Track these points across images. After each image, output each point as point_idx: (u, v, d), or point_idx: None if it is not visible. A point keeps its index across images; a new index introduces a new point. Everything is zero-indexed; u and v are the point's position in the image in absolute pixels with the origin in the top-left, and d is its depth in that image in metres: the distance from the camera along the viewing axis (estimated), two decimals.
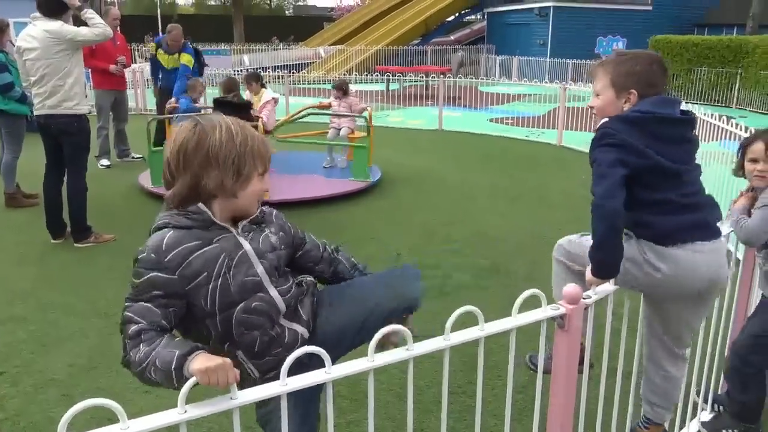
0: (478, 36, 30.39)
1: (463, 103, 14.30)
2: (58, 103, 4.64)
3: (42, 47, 4.57)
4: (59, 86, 4.63)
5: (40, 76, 4.63)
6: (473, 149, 9.58)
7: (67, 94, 4.64)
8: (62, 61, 4.61)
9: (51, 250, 4.94)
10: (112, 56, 7.61)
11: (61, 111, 4.66)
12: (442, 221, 5.77)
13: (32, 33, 4.60)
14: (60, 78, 4.62)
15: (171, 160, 1.51)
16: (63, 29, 4.58)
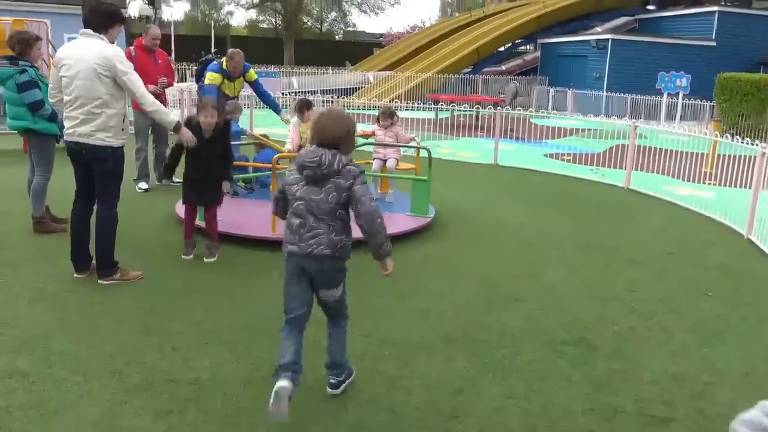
0: (530, 67, 29.77)
1: (516, 136, 13.64)
2: (90, 133, 4.21)
3: (84, 68, 4.12)
4: (95, 114, 4.18)
5: (75, 97, 4.20)
6: (532, 187, 8.91)
7: (103, 125, 4.21)
8: (103, 89, 4.16)
9: (72, 286, 4.47)
10: (153, 76, 7.27)
11: (92, 141, 4.22)
12: (504, 273, 5.12)
13: (76, 48, 4.20)
14: (97, 106, 4.18)
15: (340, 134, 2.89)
16: (115, 61, 4.13)
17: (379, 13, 38.45)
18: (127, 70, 4.20)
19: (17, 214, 5.96)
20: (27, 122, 5.42)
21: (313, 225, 2.86)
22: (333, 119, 2.93)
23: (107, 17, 4.22)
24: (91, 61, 4.11)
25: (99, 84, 4.14)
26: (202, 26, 54.76)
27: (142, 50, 7.38)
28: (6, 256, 5.00)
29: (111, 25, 4.26)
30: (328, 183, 2.85)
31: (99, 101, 4.17)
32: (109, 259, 4.51)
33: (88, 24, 4.19)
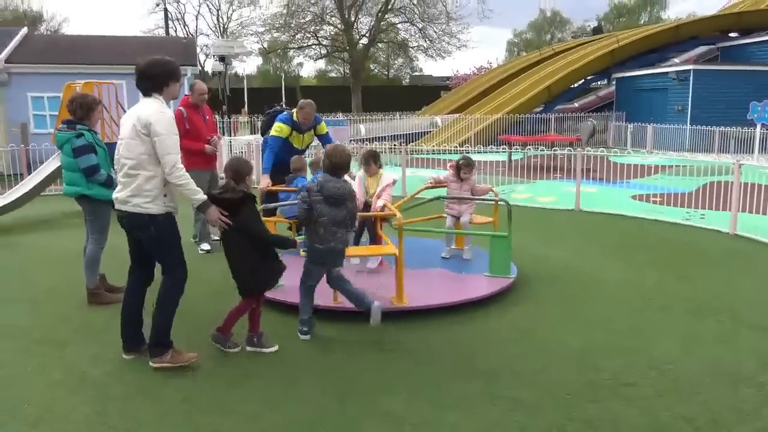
0: (605, 103, 28.65)
1: (596, 176, 12.76)
2: (126, 198, 3.87)
3: (127, 129, 3.86)
4: (131, 177, 3.85)
5: (117, 159, 3.95)
6: (623, 235, 8.05)
7: (139, 189, 3.83)
8: (141, 149, 3.82)
9: (118, 369, 4.04)
10: (203, 134, 6.97)
11: (129, 208, 3.87)
12: (603, 347, 4.34)
13: (132, 109, 3.97)
14: (133, 167, 3.83)
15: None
16: (152, 119, 3.75)
17: (445, 57, 38.35)
18: (161, 132, 3.78)
19: (74, 283, 5.69)
20: (81, 188, 5.17)
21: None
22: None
23: (157, 78, 3.89)
24: (131, 121, 3.84)
25: (138, 144, 3.81)
26: (274, 78, 56.54)
27: (191, 109, 6.97)
28: (54, 334, 4.67)
29: (164, 84, 3.93)
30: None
31: (134, 162, 3.83)
32: (161, 338, 4.04)
33: (139, 87, 3.93)
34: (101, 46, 18.94)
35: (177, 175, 3.83)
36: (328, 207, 4.32)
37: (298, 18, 36.91)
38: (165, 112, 3.86)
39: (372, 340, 4.46)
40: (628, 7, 62.26)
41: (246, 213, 4.06)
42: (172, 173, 3.82)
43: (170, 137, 3.83)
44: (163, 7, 40.00)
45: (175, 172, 3.82)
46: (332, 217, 4.34)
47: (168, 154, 3.80)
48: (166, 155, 3.79)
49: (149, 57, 3.99)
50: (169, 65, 3.99)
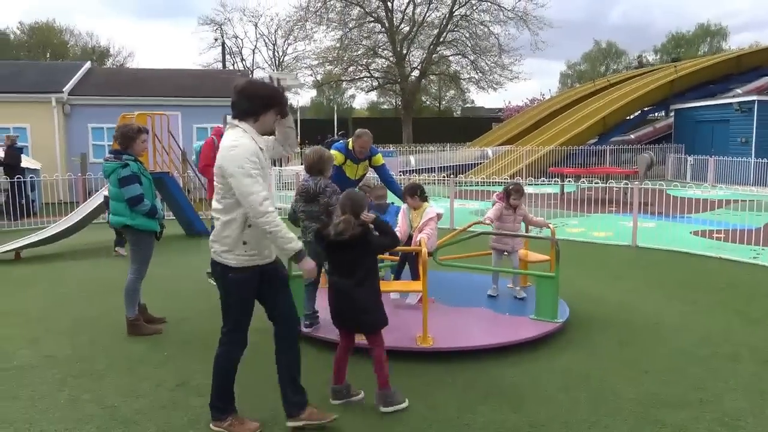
0: (662, 135, 27.81)
1: (654, 211, 12.21)
2: (210, 245, 3.49)
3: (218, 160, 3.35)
4: (216, 221, 3.43)
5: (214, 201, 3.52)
6: (684, 275, 7.57)
7: (217, 235, 3.37)
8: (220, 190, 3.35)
9: (149, 406, 3.91)
10: None
11: (214, 257, 3.45)
12: (666, 398, 3.98)
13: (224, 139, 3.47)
14: (218, 211, 3.39)
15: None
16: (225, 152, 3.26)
17: (497, 89, 38.13)
18: (236, 171, 3.19)
19: (117, 313, 5.66)
20: (125, 218, 5.16)
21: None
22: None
23: (257, 100, 3.37)
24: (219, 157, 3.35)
25: (218, 184, 3.36)
26: (326, 110, 57.59)
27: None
28: (92, 365, 4.61)
29: (263, 110, 3.39)
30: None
31: (218, 205, 3.39)
32: (215, 401, 3.58)
33: (235, 110, 3.41)
34: (158, 78, 19.58)
35: (265, 220, 3.23)
36: (302, 202, 4.91)
37: (351, 51, 37.47)
38: (237, 147, 3.26)
39: (414, 382, 4.21)
40: (686, 38, 60.99)
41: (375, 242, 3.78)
42: (256, 214, 3.23)
43: (248, 176, 3.21)
44: (221, 42, 41.38)
45: (260, 216, 3.23)
46: (307, 211, 4.90)
47: (248, 195, 3.20)
48: (245, 197, 3.21)
49: (250, 79, 3.71)
50: (275, 90, 3.48)
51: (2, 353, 4.87)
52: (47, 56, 47.72)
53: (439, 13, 36.84)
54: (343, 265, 3.74)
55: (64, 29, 51.80)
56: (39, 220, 12.15)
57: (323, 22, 36.57)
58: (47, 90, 17.04)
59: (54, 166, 16.17)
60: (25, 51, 47.94)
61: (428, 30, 37.50)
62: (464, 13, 36.21)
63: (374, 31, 37.42)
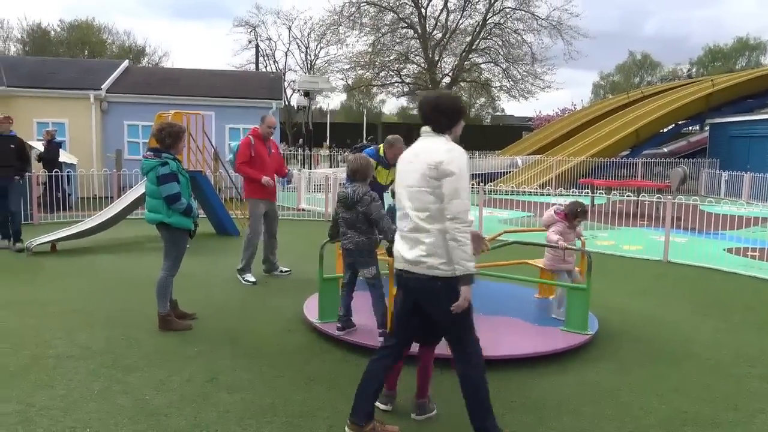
0: (696, 149, 27.37)
1: (686, 226, 12.00)
2: (416, 259, 3.23)
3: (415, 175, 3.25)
4: (425, 232, 3.21)
5: (404, 212, 3.34)
6: (716, 291, 7.44)
7: (431, 248, 3.18)
8: (430, 197, 3.20)
9: (179, 399, 3.98)
10: (266, 165, 7.17)
11: (421, 270, 3.22)
12: (695, 418, 3.91)
13: (411, 152, 3.39)
14: (425, 220, 3.20)
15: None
16: (445, 161, 3.13)
17: (528, 98, 37.96)
18: (459, 171, 3.13)
19: (148, 307, 5.77)
20: (162, 215, 5.24)
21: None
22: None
23: (450, 113, 3.34)
24: (424, 164, 3.22)
25: (428, 192, 3.20)
26: (356, 114, 57.82)
27: (258, 139, 7.23)
28: (124, 358, 4.70)
29: (454, 121, 3.37)
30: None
31: (426, 213, 3.21)
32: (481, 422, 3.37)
33: (428, 122, 3.35)
34: (193, 78, 19.88)
35: (461, 228, 3.11)
36: (342, 208, 4.94)
37: (383, 56, 37.64)
38: (456, 150, 3.23)
39: (440, 389, 4.22)
40: (723, 51, 59.95)
41: None
42: (457, 218, 3.11)
43: (463, 180, 3.16)
44: (255, 44, 41.88)
45: (457, 224, 3.11)
46: (345, 218, 4.93)
47: (457, 198, 3.11)
48: (453, 199, 3.12)
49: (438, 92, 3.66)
50: (461, 101, 3.51)
51: (41, 342, 5.00)
52: (85, 53, 48.76)
53: (472, 20, 36.88)
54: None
55: (102, 27, 52.92)
56: (74, 213, 12.43)
57: (356, 26, 36.83)
58: (86, 87, 17.43)
59: (90, 161, 16.53)
60: (65, 48, 49.04)
61: (461, 37, 37.53)
62: (498, 21, 36.16)
63: (407, 37, 37.56)
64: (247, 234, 7.29)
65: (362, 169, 4.89)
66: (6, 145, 8.96)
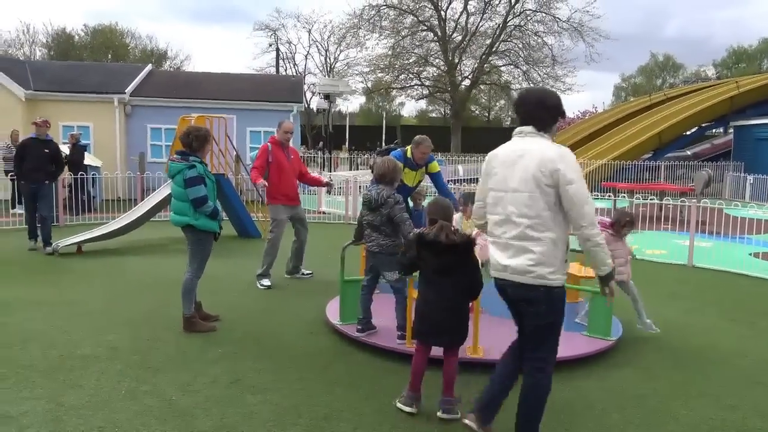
0: (720, 152, 26.99)
1: (711, 230, 11.84)
2: (523, 268, 3.11)
3: (521, 179, 3.12)
4: (534, 240, 3.09)
5: (506, 216, 3.19)
6: (742, 297, 7.34)
7: (541, 257, 3.08)
8: (543, 204, 3.08)
9: (204, 400, 4.02)
10: (286, 172, 7.18)
11: (527, 279, 3.12)
12: (722, 426, 3.87)
13: (509, 152, 3.25)
14: (535, 228, 3.09)
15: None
16: (559, 163, 3.04)
17: None
18: (577, 177, 3.04)
19: (173, 309, 5.85)
20: (189, 218, 5.29)
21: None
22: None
23: (555, 110, 3.26)
24: (533, 167, 3.09)
25: (539, 197, 3.08)
26: (375, 117, 57.92)
27: (276, 146, 7.22)
28: (150, 359, 4.77)
29: (556, 120, 3.29)
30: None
31: (535, 221, 3.09)
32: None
33: (531, 120, 3.23)
34: (215, 82, 20.08)
35: (594, 232, 3.06)
36: (366, 210, 4.98)
37: (402, 59, 37.67)
38: (568, 154, 3.14)
39: (464, 392, 4.22)
40: (748, 52, 59.07)
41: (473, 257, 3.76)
42: (587, 225, 3.04)
43: (583, 183, 3.09)
44: (275, 48, 42.16)
45: (594, 228, 3.06)
46: (369, 220, 4.95)
47: (586, 203, 3.05)
48: (584, 205, 3.04)
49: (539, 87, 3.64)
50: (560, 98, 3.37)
51: (69, 342, 5.09)
52: (109, 57, 49.47)
53: (492, 23, 36.78)
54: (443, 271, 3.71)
55: (125, 32, 53.65)
56: (99, 215, 12.62)
57: (376, 30, 36.90)
58: (110, 91, 17.69)
59: (114, 164, 16.76)
60: (88, 52, 49.80)
61: (481, 39, 37.43)
62: (518, 23, 36.00)
63: (426, 40, 37.56)
64: (268, 239, 7.28)
65: (390, 172, 4.91)
66: (41, 150, 9.11)
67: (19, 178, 9.30)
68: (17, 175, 9.38)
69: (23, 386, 4.18)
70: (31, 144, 9.15)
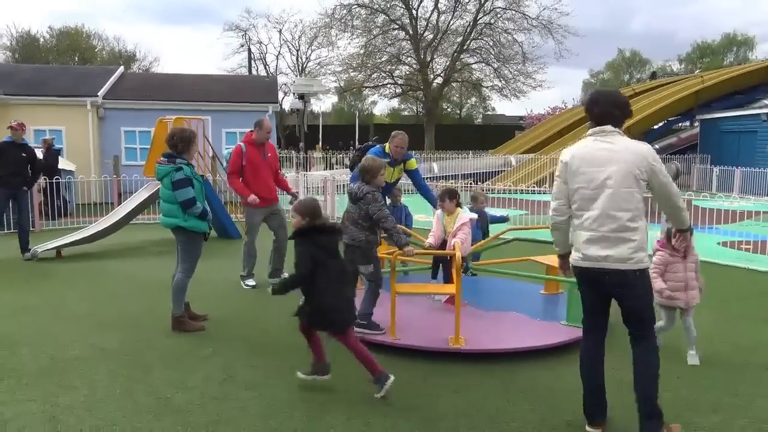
0: (687, 145, 27.68)
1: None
2: (630, 255, 3.34)
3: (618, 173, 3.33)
4: (632, 231, 3.34)
5: (603, 211, 3.37)
6: (712, 284, 7.46)
7: (639, 244, 3.35)
8: (639, 197, 3.37)
9: (200, 397, 4.10)
10: (261, 171, 7.00)
11: (629, 266, 3.36)
12: (697, 403, 4.09)
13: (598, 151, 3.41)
14: (633, 220, 3.35)
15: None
16: (651, 160, 3.36)
17: (520, 97, 38.20)
18: (663, 168, 3.42)
19: (159, 310, 5.90)
20: (178, 220, 5.34)
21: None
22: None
23: (626, 109, 3.54)
24: (628, 164, 3.34)
25: (636, 192, 3.36)
26: (348, 116, 57.96)
27: (251, 146, 7.02)
28: (141, 358, 4.83)
29: (626, 118, 3.55)
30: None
31: (633, 213, 3.36)
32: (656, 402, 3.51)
33: (606, 119, 3.45)
34: (188, 83, 19.97)
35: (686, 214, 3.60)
36: (349, 203, 5.09)
37: (374, 58, 37.78)
38: (650, 147, 3.48)
39: (450, 381, 4.37)
40: (711, 47, 60.47)
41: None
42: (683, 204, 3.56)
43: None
44: (247, 48, 41.94)
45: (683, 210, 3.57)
46: (349, 213, 5.06)
47: (672, 183, 3.44)
48: (671, 185, 3.43)
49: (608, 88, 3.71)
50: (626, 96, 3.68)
51: (58, 345, 5.11)
52: (75, 60, 48.66)
53: (463, 21, 37.07)
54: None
55: (92, 33, 52.82)
56: (74, 220, 12.51)
57: (348, 29, 36.95)
58: (82, 94, 17.49)
59: (88, 167, 16.58)
60: (54, 54, 48.92)
61: (452, 38, 37.70)
62: (488, 21, 36.36)
63: (398, 39, 37.72)
64: (244, 244, 7.18)
65: (371, 169, 4.98)
66: (18, 154, 8.83)
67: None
68: None
69: (16, 389, 4.22)
70: (7, 148, 8.85)
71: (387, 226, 4.90)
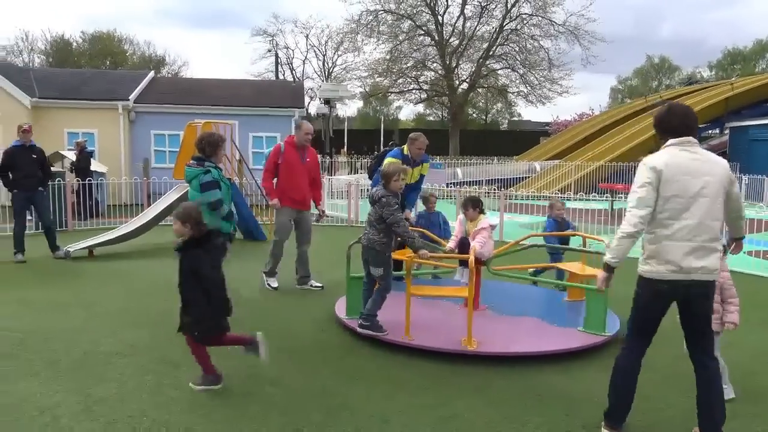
0: (716, 153, 27.24)
1: None
2: (714, 267, 3.40)
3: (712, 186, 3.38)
4: (717, 240, 3.43)
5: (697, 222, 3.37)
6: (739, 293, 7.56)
7: (720, 254, 3.48)
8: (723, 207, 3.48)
9: (223, 393, 4.26)
10: (296, 174, 6.99)
11: (713, 276, 3.43)
12: None
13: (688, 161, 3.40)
14: (720, 229, 3.46)
15: None
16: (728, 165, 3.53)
17: (546, 103, 38.08)
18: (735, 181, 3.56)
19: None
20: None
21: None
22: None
23: (696, 123, 3.63)
24: (720, 176, 3.41)
25: (723, 202, 3.45)
26: (373, 120, 58.18)
27: (290, 146, 7.04)
28: (169, 354, 5.01)
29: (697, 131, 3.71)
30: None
31: (721, 222, 3.47)
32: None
33: (687, 131, 3.49)
34: (217, 88, 20.32)
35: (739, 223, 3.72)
36: (370, 206, 5.30)
37: (400, 63, 37.98)
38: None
39: (465, 382, 4.46)
40: (743, 54, 59.47)
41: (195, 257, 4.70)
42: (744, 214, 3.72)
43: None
44: (274, 53, 42.45)
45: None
46: (369, 215, 5.33)
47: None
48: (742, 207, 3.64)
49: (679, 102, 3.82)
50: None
51: (90, 340, 5.32)
52: (107, 64, 49.71)
53: (489, 27, 37.14)
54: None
55: (123, 38, 53.92)
56: (105, 220, 12.84)
57: (374, 34, 37.21)
58: (114, 98, 17.93)
59: (119, 170, 16.99)
60: (87, 59, 50.03)
61: (478, 43, 37.78)
62: (514, 27, 36.34)
63: (424, 44, 37.88)
64: (274, 240, 7.28)
65: (385, 174, 5.26)
66: (29, 156, 8.87)
67: (11, 188, 8.88)
68: (7, 185, 8.93)
69: (52, 380, 4.42)
70: (18, 152, 8.83)
71: (399, 231, 5.09)
